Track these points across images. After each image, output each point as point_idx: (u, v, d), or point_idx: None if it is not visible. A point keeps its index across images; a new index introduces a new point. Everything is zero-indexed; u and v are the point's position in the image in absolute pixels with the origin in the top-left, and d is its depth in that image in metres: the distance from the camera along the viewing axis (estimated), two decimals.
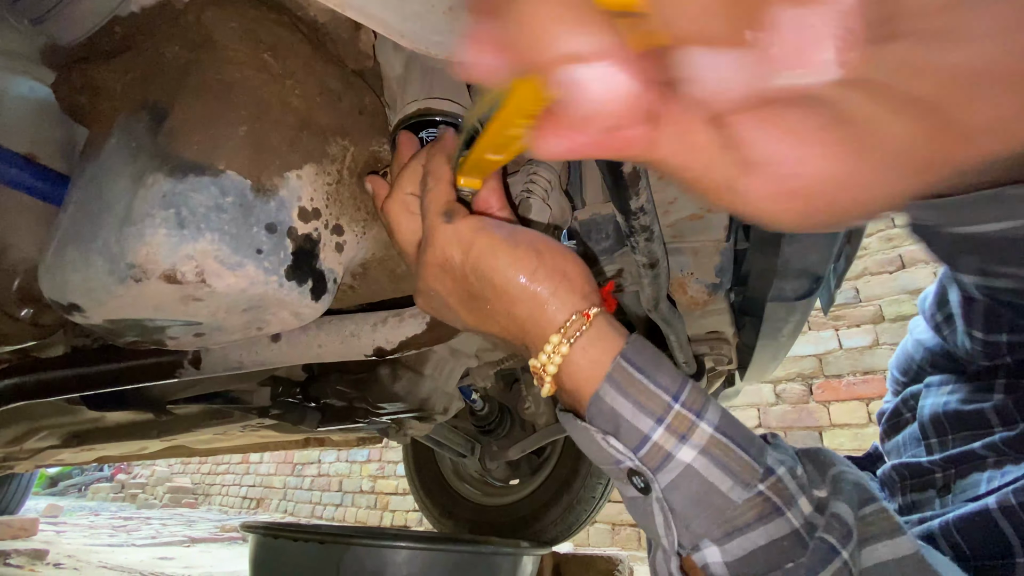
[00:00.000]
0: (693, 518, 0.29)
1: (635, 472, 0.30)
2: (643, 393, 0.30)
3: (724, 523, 0.28)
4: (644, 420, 0.30)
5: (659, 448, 0.29)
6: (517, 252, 0.32)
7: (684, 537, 0.29)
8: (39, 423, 1.37)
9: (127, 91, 0.47)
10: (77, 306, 0.43)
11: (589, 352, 0.31)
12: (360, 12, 0.30)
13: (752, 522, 0.28)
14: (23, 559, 2.39)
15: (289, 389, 0.91)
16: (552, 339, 0.31)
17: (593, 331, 0.32)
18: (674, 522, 0.29)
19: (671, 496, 0.29)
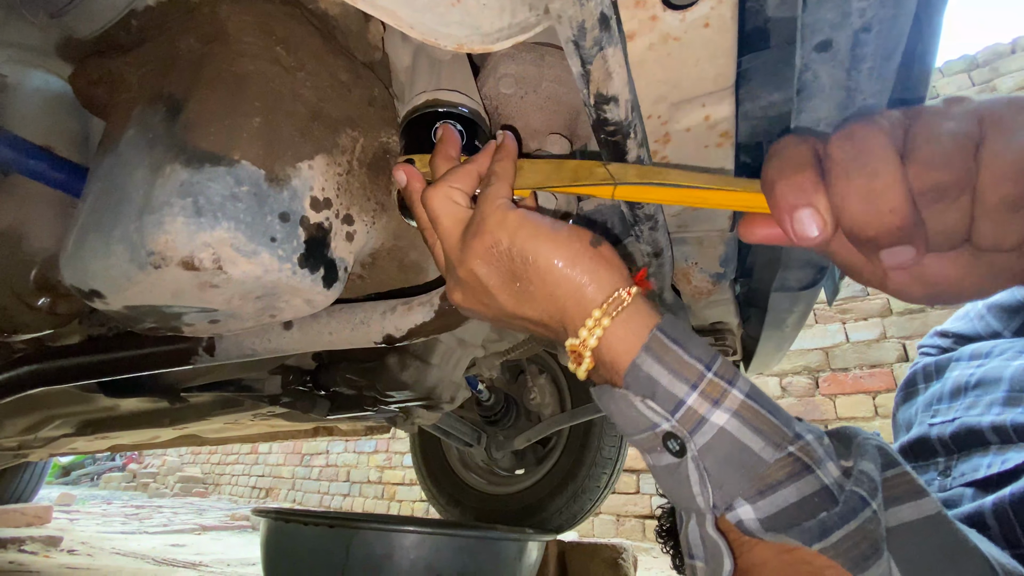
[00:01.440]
0: (727, 478, 0.30)
1: (671, 435, 0.31)
2: (678, 362, 0.32)
3: (756, 481, 0.29)
4: (679, 386, 0.31)
5: (693, 412, 0.31)
6: (559, 237, 0.35)
7: (718, 497, 0.30)
8: (54, 411, 1.40)
9: (143, 83, 0.48)
10: (98, 292, 0.45)
11: (628, 325, 0.33)
12: (370, 4, 0.30)
13: (784, 479, 0.29)
14: (37, 546, 2.44)
15: (299, 377, 0.93)
16: (595, 313, 0.33)
17: (632, 307, 0.34)
18: (709, 482, 0.30)
19: (705, 457, 0.30)
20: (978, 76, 3.03)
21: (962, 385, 0.60)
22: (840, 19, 0.30)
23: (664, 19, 0.32)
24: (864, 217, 0.23)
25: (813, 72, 0.34)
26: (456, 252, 0.38)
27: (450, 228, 0.39)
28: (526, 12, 0.31)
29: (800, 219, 0.24)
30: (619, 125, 0.35)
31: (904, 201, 0.22)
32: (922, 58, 0.44)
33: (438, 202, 0.39)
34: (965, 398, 0.59)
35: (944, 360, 0.67)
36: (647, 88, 0.37)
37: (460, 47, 0.31)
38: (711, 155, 0.46)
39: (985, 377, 0.59)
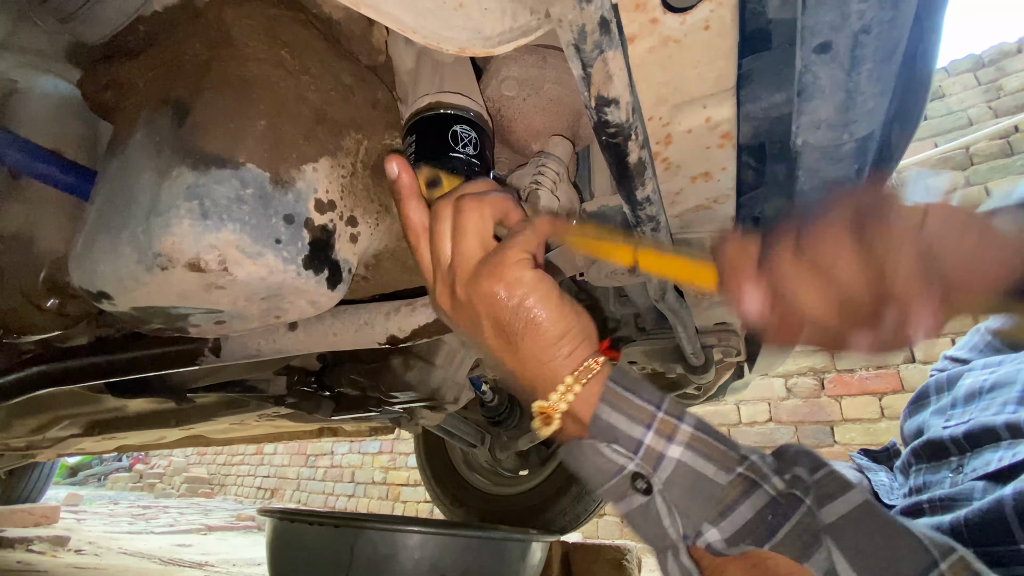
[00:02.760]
0: (691, 506, 0.33)
1: (637, 475, 0.34)
2: (632, 407, 0.36)
3: (716, 504, 0.32)
4: (636, 428, 0.35)
5: (652, 450, 0.34)
6: (564, 310, 0.38)
7: (687, 526, 0.33)
8: (62, 412, 1.41)
9: (150, 88, 0.49)
10: (106, 294, 0.45)
11: (590, 387, 0.37)
12: (375, 9, 0.31)
13: (738, 498, 0.32)
14: (45, 545, 2.46)
15: (304, 378, 0.93)
16: (567, 380, 0.37)
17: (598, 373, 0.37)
18: (677, 514, 0.33)
19: (670, 490, 0.33)
20: (984, 76, 3.02)
21: (976, 390, 0.60)
22: (839, 21, 0.30)
23: (664, 22, 0.33)
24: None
25: (813, 74, 0.34)
26: (464, 275, 0.38)
27: (473, 248, 0.38)
28: (527, 16, 0.32)
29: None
30: (620, 127, 0.35)
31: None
32: (923, 58, 0.44)
33: (475, 215, 0.38)
34: (980, 401, 0.59)
35: (956, 373, 0.67)
36: (648, 90, 0.38)
37: (462, 51, 0.32)
38: (712, 156, 0.46)
39: (999, 380, 0.58)
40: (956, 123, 3.01)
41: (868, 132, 0.41)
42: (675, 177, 0.48)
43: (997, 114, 2.90)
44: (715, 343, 0.89)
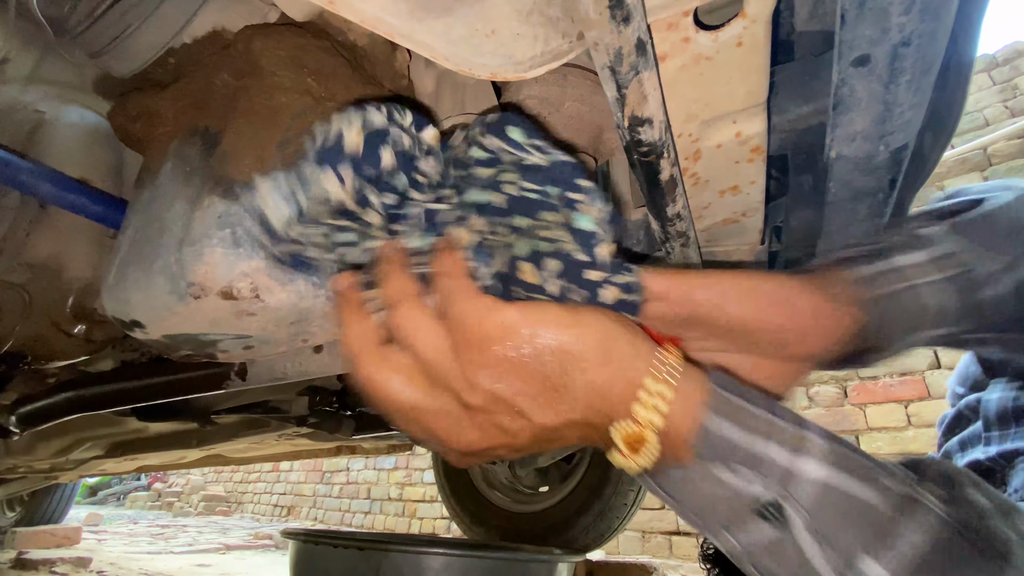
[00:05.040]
0: (840, 535, 0.25)
1: (771, 504, 0.26)
2: (747, 415, 0.28)
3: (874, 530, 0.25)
4: (758, 443, 0.27)
5: (781, 468, 0.26)
6: (579, 316, 0.29)
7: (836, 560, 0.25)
8: (85, 434, 1.43)
9: (180, 118, 0.50)
10: (139, 323, 0.46)
11: (682, 389, 0.28)
12: (407, 39, 0.31)
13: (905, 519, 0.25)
14: (68, 567, 2.48)
15: (326, 398, 0.93)
16: (648, 384, 0.28)
17: (688, 372, 0.29)
18: (822, 543, 0.25)
19: (817, 518, 0.26)
20: (998, 75, 2.98)
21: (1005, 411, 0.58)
22: (879, 35, 0.30)
23: (697, 40, 0.32)
24: None
25: (850, 87, 0.34)
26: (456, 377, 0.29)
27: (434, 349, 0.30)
28: (559, 40, 0.31)
29: None
30: (653, 146, 0.35)
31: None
32: (959, 64, 0.43)
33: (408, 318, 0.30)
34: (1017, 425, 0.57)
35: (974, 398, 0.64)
36: (678, 107, 0.37)
37: (494, 76, 0.32)
38: (742, 170, 0.45)
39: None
40: (972, 124, 2.97)
41: (904, 143, 0.40)
42: (704, 192, 0.48)
43: (1013, 114, 2.86)
44: None
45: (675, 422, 0.28)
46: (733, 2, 0.32)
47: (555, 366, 0.28)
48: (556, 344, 0.28)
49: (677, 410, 0.28)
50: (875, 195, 0.48)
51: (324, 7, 0.28)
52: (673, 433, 0.28)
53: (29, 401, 0.88)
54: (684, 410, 0.28)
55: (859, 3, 0.29)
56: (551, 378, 0.28)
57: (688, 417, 0.28)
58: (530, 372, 0.28)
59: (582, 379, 0.28)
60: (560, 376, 0.28)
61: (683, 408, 0.28)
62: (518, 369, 0.28)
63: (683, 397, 0.28)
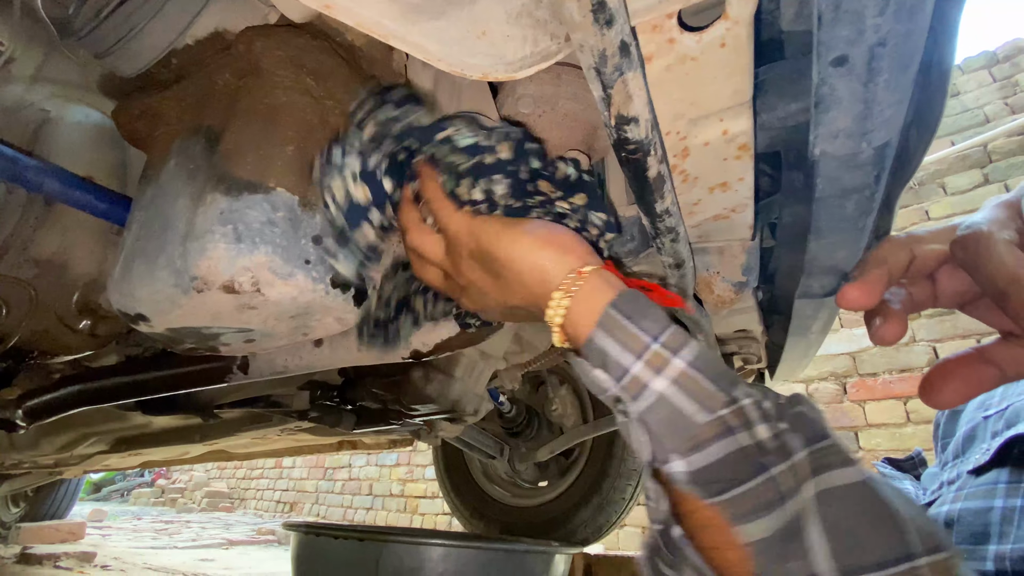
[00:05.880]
0: (665, 436, 0.34)
1: (618, 399, 0.36)
2: (627, 335, 0.36)
3: (688, 440, 0.33)
4: (626, 356, 0.36)
5: (637, 379, 0.35)
6: (515, 232, 0.41)
7: (658, 452, 0.34)
8: (89, 429, 1.44)
9: (183, 117, 0.51)
10: (143, 316, 0.47)
11: (587, 303, 0.38)
12: (401, 40, 0.32)
13: (710, 439, 0.33)
14: (72, 561, 2.50)
15: (327, 392, 0.95)
16: (555, 295, 0.39)
17: (588, 286, 0.39)
18: (650, 440, 0.34)
19: (647, 418, 0.35)
20: (999, 72, 2.98)
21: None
22: (855, 35, 0.31)
23: (681, 41, 0.34)
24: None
25: (830, 86, 0.35)
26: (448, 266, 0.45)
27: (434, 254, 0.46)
28: (548, 41, 0.33)
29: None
30: (639, 144, 0.36)
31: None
32: (940, 63, 0.44)
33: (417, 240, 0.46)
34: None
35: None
36: (665, 106, 0.39)
37: (485, 76, 0.33)
38: (730, 167, 0.46)
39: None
40: (972, 121, 2.97)
41: (886, 140, 0.41)
42: (693, 188, 0.49)
43: (1014, 110, 2.85)
44: (736, 350, 0.89)
45: (573, 325, 0.39)
46: (716, 4, 0.33)
47: (494, 266, 0.41)
48: (491, 250, 0.41)
49: (574, 317, 0.38)
50: (862, 191, 0.49)
51: (321, 11, 0.29)
52: (571, 332, 0.39)
53: (35, 395, 0.89)
54: (580, 318, 0.38)
55: (835, 5, 0.30)
56: (494, 272, 0.42)
57: (582, 324, 0.38)
58: (482, 267, 0.42)
59: (514, 279, 0.41)
60: (497, 273, 0.41)
61: (580, 316, 0.38)
62: (476, 263, 0.42)
63: (582, 308, 0.38)
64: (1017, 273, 0.30)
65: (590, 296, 0.38)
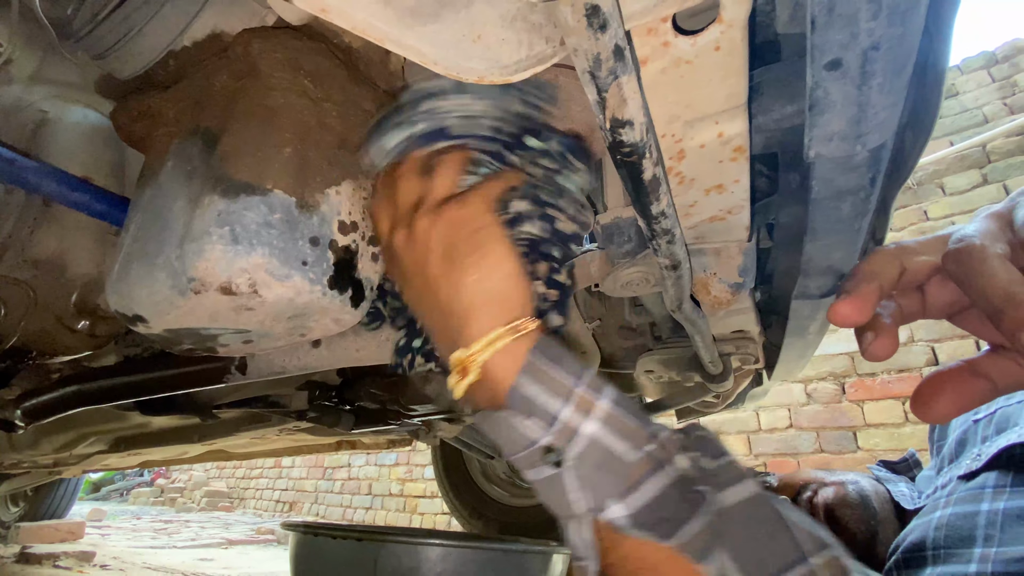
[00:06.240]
0: (599, 481, 0.34)
1: (549, 449, 0.35)
2: (551, 381, 0.36)
3: (623, 480, 0.33)
4: (554, 402, 0.35)
5: (566, 425, 0.35)
6: (515, 261, 0.40)
7: (595, 500, 0.33)
8: (88, 429, 1.44)
9: (180, 118, 0.51)
10: (141, 317, 0.47)
11: (514, 351, 0.37)
12: (397, 43, 0.32)
13: (644, 477, 0.33)
14: (71, 561, 2.50)
15: (325, 393, 0.95)
16: (497, 330, 0.37)
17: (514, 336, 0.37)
18: (583, 488, 0.34)
19: (581, 465, 0.34)
20: (998, 72, 2.98)
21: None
22: (849, 39, 0.31)
23: (676, 44, 0.34)
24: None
25: (824, 89, 0.35)
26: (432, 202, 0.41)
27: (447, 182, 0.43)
28: (543, 45, 0.33)
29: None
30: (635, 146, 0.36)
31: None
32: (934, 65, 0.44)
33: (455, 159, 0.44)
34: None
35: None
36: (661, 109, 0.39)
37: (481, 79, 0.33)
38: (725, 169, 0.47)
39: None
40: (971, 121, 2.97)
41: (881, 143, 0.41)
42: (689, 190, 0.49)
43: (1013, 111, 2.86)
44: (733, 351, 0.89)
45: (494, 370, 0.37)
46: (711, 8, 0.33)
47: (470, 249, 0.39)
48: (486, 244, 0.39)
49: (501, 361, 0.36)
50: (857, 193, 0.49)
51: (317, 14, 0.30)
52: (491, 378, 0.37)
53: (34, 395, 0.89)
54: (509, 360, 0.36)
55: (828, 9, 0.30)
56: (459, 254, 0.39)
57: (503, 373, 0.36)
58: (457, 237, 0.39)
59: (473, 277, 0.38)
60: (464, 257, 0.39)
61: (508, 359, 0.37)
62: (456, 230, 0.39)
63: (508, 356, 0.37)
64: (1010, 290, 0.30)
65: (514, 345, 0.37)
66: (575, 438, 0.34)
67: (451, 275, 0.39)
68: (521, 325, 0.37)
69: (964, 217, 2.81)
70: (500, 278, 0.38)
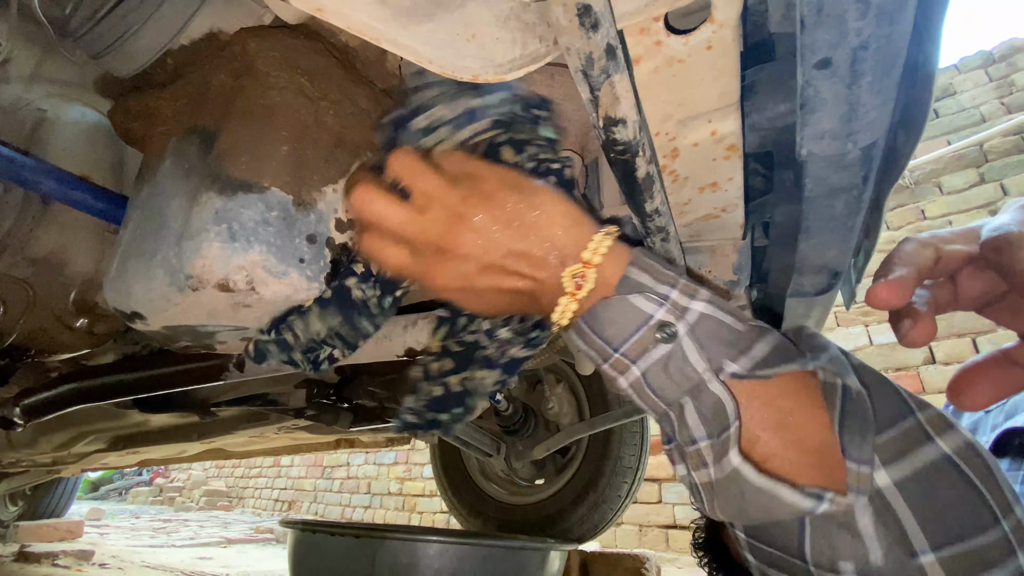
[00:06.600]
0: (715, 347, 0.37)
1: (664, 324, 0.38)
2: (658, 272, 0.40)
3: (735, 344, 0.37)
4: (663, 287, 0.39)
5: (677, 303, 0.38)
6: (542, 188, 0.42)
7: (712, 360, 0.37)
8: (87, 427, 1.45)
9: (178, 117, 0.52)
10: (139, 314, 0.47)
11: (615, 253, 0.40)
12: (392, 43, 0.33)
13: (755, 338, 0.38)
14: (70, 559, 2.51)
15: (323, 391, 0.95)
16: (596, 237, 0.40)
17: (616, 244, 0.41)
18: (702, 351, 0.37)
19: (697, 332, 0.38)
20: (995, 72, 2.99)
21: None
22: (838, 38, 0.32)
23: (668, 43, 0.34)
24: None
25: (815, 88, 0.35)
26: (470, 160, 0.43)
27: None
28: (536, 44, 0.33)
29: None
30: (628, 145, 0.37)
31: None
32: (924, 65, 0.44)
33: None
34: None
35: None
36: (654, 108, 0.39)
37: (476, 77, 0.33)
38: (719, 167, 0.47)
39: None
40: (968, 120, 2.98)
41: (872, 141, 0.42)
42: (683, 188, 0.50)
43: (1010, 110, 2.86)
44: None
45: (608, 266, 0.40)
46: (702, 8, 0.34)
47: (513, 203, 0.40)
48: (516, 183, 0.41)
49: (609, 259, 0.40)
50: (850, 191, 0.49)
51: (313, 14, 0.30)
52: (607, 272, 0.40)
53: (32, 393, 0.90)
54: (615, 260, 0.40)
55: (817, 9, 0.30)
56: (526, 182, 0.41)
57: (617, 265, 0.40)
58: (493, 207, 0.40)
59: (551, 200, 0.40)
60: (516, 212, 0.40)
61: (614, 259, 0.40)
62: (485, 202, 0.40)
63: (616, 252, 0.40)
64: None
65: (617, 245, 0.41)
66: (687, 312, 0.38)
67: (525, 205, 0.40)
68: (610, 231, 0.41)
69: (961, 216, 2.82)
70: (565, 203, 0.41)
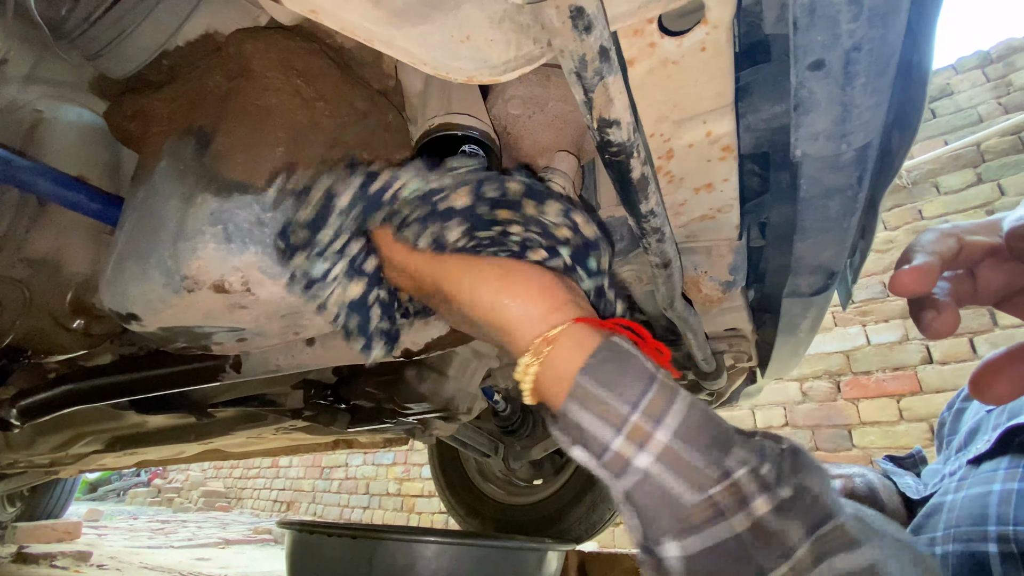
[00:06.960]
0: (655, 517, 0.31)
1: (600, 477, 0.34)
2: (602, 406, 0.33)
3: (679, 521, 0.30)
4: (605, 431, 0.33)
5: (618, 456, 0.32)
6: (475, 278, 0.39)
7: (649, 533, 0.32)
8: (85, 428, 1.44)
9: (174, 118, 0.52)
10: (135, 315, 0.47)
11: (556, 369, 0.35)
12: (387, 44, 0.33)
13: (702, 523, 0.30)
14: (68, 561, 2.50)
15: (321, 391, 0.95)
16: (521, 362, 0.36)
17: (557, 351, 0.35)
18: (639, 520, 0.32)
19: (634, 497, 0.32)
20: (992, 72, 2.99)
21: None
22: (831, 40, 0.32)
23: (662, 45, 0.34)
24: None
25: (808, 89, 0.36)
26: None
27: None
28: (531, 45, 0.33)
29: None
30: (622, 146, 0.37)
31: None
32: (918, 65, 0.45)
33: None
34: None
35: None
36: (649, 109, 0.39)
37: (470, 79, 0.33)
38: (714, 168, 0.47)
39: None
40: (966, 120, 2.98)
41: (866, 142, 0.42)
42: (679, 189, 0.50)
43: (1007, 110, 2.87)
44: (726, 349, 0.90)
45: (541, 393, 0.36)
46: (696, 9, 0.34)
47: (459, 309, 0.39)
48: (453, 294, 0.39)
49: (542, 385, 0.36)
50: (844, 192, 0.49)
51: (307, 15, 0.30)
52: (543, 398, 0.36)
53: (29, 394, 0.90)
54: (549, 387, 0.35)
55: (809, 10, 0.30)
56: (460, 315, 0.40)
57: (552, 395, 0.35)
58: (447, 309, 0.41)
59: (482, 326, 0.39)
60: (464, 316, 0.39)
61: (548, 385, 0.35)
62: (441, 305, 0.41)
63: (550, 376, 0.35)
64: None
65: (559, 363, 0.35)
66: (626, 471, 0.32)
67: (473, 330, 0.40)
68: (539, 348, 0.35)
69: (959, 216, 2.82)
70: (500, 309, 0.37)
